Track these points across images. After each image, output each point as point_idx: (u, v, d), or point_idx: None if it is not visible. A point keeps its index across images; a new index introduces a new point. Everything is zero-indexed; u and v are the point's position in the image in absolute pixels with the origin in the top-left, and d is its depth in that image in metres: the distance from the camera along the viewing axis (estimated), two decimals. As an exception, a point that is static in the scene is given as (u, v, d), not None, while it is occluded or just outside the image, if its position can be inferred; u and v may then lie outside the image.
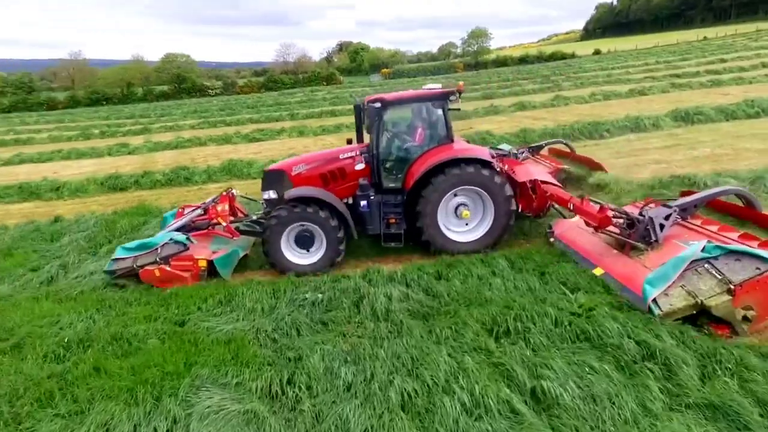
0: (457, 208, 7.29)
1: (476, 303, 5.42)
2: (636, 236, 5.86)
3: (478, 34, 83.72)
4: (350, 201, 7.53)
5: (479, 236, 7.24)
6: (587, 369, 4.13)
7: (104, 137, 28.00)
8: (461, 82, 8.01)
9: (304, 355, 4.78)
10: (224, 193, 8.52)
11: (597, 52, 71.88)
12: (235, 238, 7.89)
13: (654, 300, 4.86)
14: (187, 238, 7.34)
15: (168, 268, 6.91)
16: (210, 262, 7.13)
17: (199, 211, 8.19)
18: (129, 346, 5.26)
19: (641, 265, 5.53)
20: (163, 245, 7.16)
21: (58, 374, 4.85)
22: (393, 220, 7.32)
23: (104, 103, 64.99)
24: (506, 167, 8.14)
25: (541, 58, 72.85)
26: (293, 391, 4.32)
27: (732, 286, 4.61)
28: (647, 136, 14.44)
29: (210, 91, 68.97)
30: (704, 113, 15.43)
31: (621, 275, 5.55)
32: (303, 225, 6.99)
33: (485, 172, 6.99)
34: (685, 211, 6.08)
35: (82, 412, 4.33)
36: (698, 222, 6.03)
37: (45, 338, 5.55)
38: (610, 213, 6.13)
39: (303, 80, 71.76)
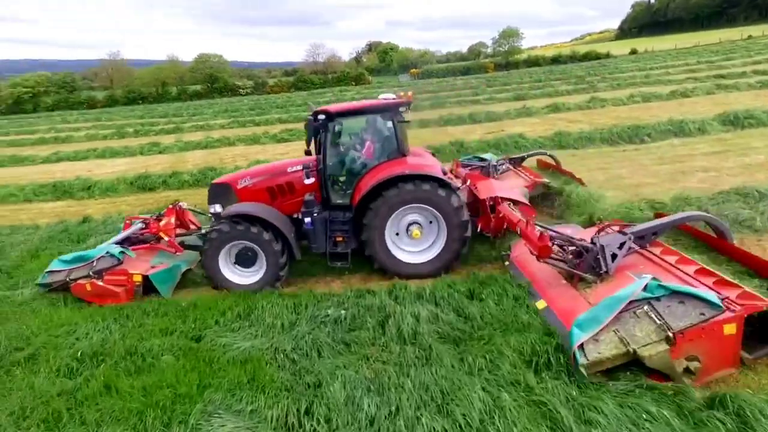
0: (409, 227, 6.78)
1: (513, 328, 4.91)
2: (584, 266, 5.18)
3: (509, 34, 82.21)
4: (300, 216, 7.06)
5: (428, 259, 6.73)
6: (644, 415, 3.60)
7: (138, 136, 28.46)
8: (410, 92, 7.53)
9: (324, 382, 4.39)
10: (171, 206, 8.19)
11: (633, 52, 69.40)
12: (178, 253, 7.55)
13: (581, 346, 4.13)
14: (121, 252, 7.06)
15: (100, 283, 6.60)
16: (146, 278, 6.75)
17: (140, 225, 7.97)
18: (143, 362, 4.99)
19: (585, 300, 4.83)
20: (98, 258, 6.90)
21: (69, 391, 4.60)
22: (340, 239, 6.87)
23: (140, 102, 66.62)
24: (469, 183, 7.79)
25: (574, 58, 70.89)
26: (311, 424, 3.93)
27: (671, 334, 3.91)
28: (693, 141, 13.50)
29: (241, 90, 69.84)
30: (756, 117, 14.36)
31: (561, 311, 4.85)
32: (244, 244, 6.63)
33: (441, 192, 6.47)
34: (642, 239, 5.31)
35: (90, 437, 4.06)
36: (658, 251, 5.26)
37: (60, 349, 5.35)
38: (556, 240, 5.51)
39: (332, 80, 71.87)
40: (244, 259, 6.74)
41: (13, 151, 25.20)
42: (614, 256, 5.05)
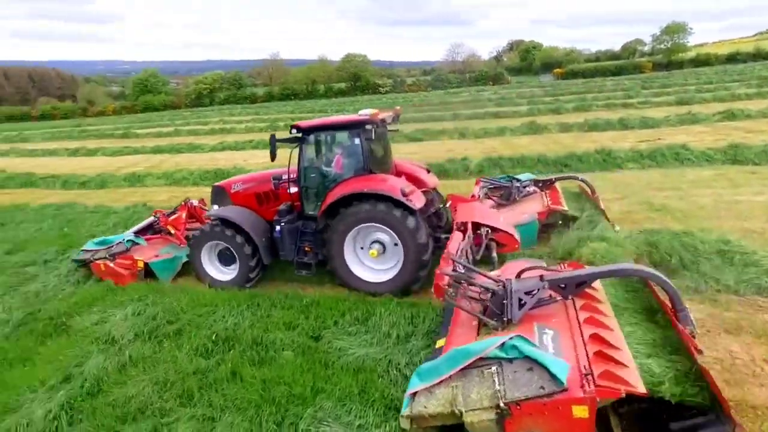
0: (372, 245, 6.63)
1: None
2: (489, 311, 4.39)
3: (674, 30, 72.53)
4: None
5: (387, 279, 6.54)
6: None
7: (287, 129, 30.90)
8: (398, 107, 7.70)
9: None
10: (183, 203, 9.12)
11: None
12: (182, 245, 8.22)
13: (414, 395, 3.66)
14: (129, 241, 8.06)
15: (111, 265, 7.62)
16: (147, 264, 7.63)
17: (154, 218, 9.04)
18: (265, 353, 5.20)
19: None
20: (116, 243, 8.00)
21: (202, 371, 4.97)
22: (308, 249, 7.02)
23: (292, 98, 72.69)
24: (449, 204, 7.61)
25: (758, 56, 60.23)
26: (416, 454, 3.67)
27: (503, 403, 3.30)
28: None
29: (381, 88, 72.30)
30: None
31: None
32: (223, 244, 7.17)
33: (396, 212, 6.22)
34: (564, 289, 4.31)
35: (213, 419, 4.30)
36: (581, 303, 4.34)
37: (200, 329, 5.83)
38: (471, 281, 4.70)
39: (469, 80, 70.79)
40: (225, 258, 7.35)
41: (191, 139, 29.09)
42: (521, 304, 4.26)
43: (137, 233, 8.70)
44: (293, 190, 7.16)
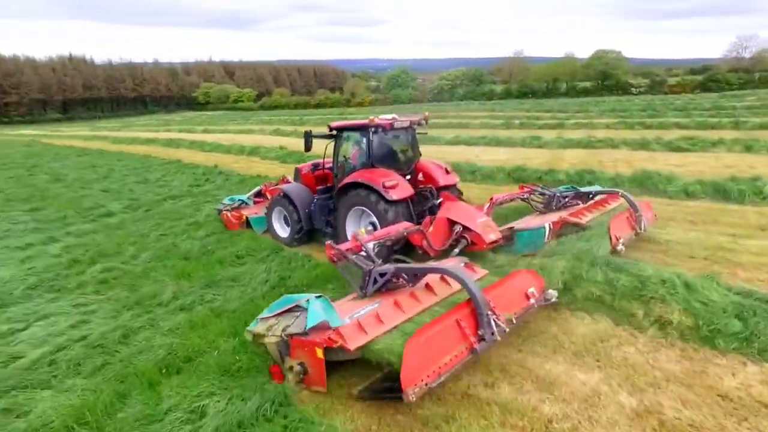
0: (368, 225, 7.77)
1: None
2: (360, 282, 5.54)
3: None
4: None
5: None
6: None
7: (522, 128, 29.69)
8: (427, 113, 9.18)
9: None
10: (282, 178, 11.42)
11: None
12: None
13: (260, 319, 4.98)
14: (240, 200, 11.00)
15: (228, 215, 10.38)
16: (247, 218, 10.13)
17: (260, 188, 11.55)
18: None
19: (341, 304, 5.34)
20: (236, 202, 10.92)
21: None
22: (332, 221, 8.55)
23: (530, 96, 70.02)
24: (439, 201, 7.99)
25: None
26: None
27: (285, 335, 4.64)
28: None
29: (633, 89, 63.54)
30: None
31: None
32: (283, 210, 9.13)
33: (381, 203, 7.32)
34: (416, 278, 5.46)
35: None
36: (418, 291, 5.37)
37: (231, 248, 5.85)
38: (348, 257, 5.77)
39: (759, 80, 56.25)
40: (286, 220, 9.23)
41: (430, 132, 30.54)
42: (375, 282, 5.37)
43: (252, 197, 11.23)
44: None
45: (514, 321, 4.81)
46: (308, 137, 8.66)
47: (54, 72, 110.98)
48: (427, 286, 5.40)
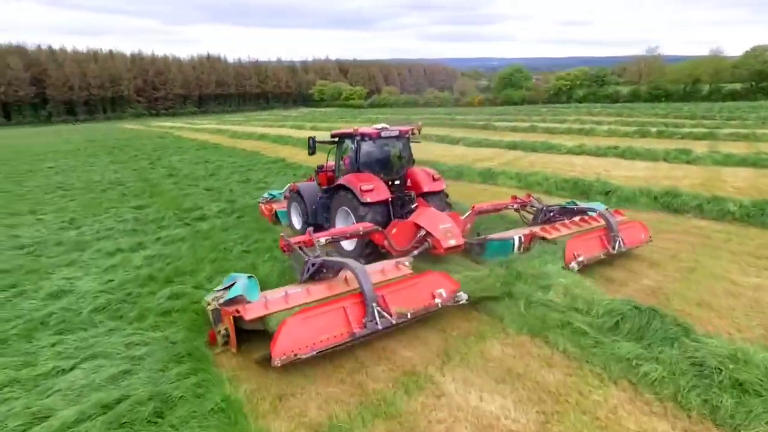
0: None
1: None
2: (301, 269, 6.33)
3: None
4: None
5: (351, 249, 8.23)
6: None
7: (660, 138, 25.22)
8: (420, 123, 9.98)
9: None
10: (311, 177, 11.21)
11: None
12: None
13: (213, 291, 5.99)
14: (272, 195, 12.08)
15: (263, 208, 11.47)
16: (276, 212, 11.05)
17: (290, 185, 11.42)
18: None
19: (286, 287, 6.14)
20: (270, 196, 12.02)
21: None
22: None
23: (663, 99, 61.58)
24: (414, 206, 8.42)
25: None
26: None
27: (218, 304, 5.48)
28: None
29: (800, 92, 52.67)
30: None
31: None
32: (297, 205, 10.05)
33: (353, 201, 8.07)
34: (334, 270, 6.09)
35: None
36: (336, 281, 6.05)
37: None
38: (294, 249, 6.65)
39: None
40: (299, 214, 10.05)
41: (546, 137, 27.39)
42: (308, 271, 6.11)
43: (285, 192, 11.78)
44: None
45: (409, 316, 5.32)
46: (312, 142, 9.48)
47: (194, 70, 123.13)
48: (346, 279, 5.98)
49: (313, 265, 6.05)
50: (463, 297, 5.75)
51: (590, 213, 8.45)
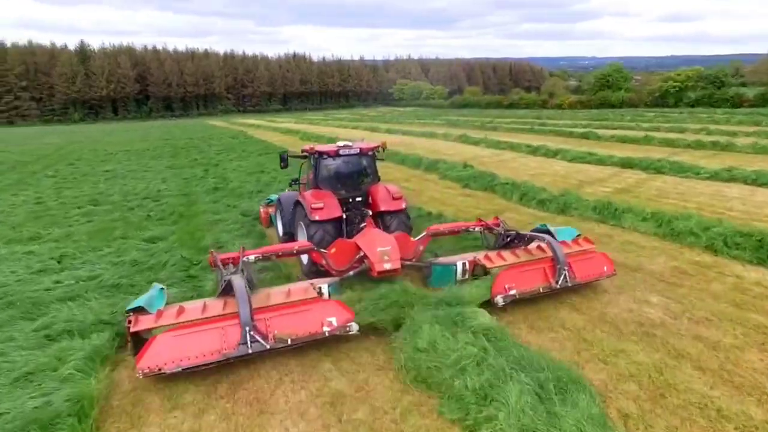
0: None
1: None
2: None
3: None
4: None
5: (306, 260, 8.21)
6: None
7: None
8: (384, 141, 9.49)
9: None
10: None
11: None
12: None
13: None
14: (270, 200, 11.79)
15: (261, 211, 11.55)
16: (270, 216, 11.02)
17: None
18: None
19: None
20: (269, 200, 11.93)
21: None
22: None
23: (805, 104, 50.79)
24: (363, 225, 8.09)
25: None
26: None
27: (126, 310, 5.75)
28: None
29: None
30: None
31: None
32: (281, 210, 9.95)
33: (305, 217, 7.93)
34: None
35: None
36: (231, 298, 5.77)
37: None
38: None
39: None
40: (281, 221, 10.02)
41: (667, 152, 21.75)
42: (223, 286, 6.02)
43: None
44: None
45: (289, 341, 5.23)
46: (283, 158, 9.65)
47: (280, 68, 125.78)
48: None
49: (226, 282, 5.98)
50: (354, 328, 5.60)
51: (541, 241, 7.55)
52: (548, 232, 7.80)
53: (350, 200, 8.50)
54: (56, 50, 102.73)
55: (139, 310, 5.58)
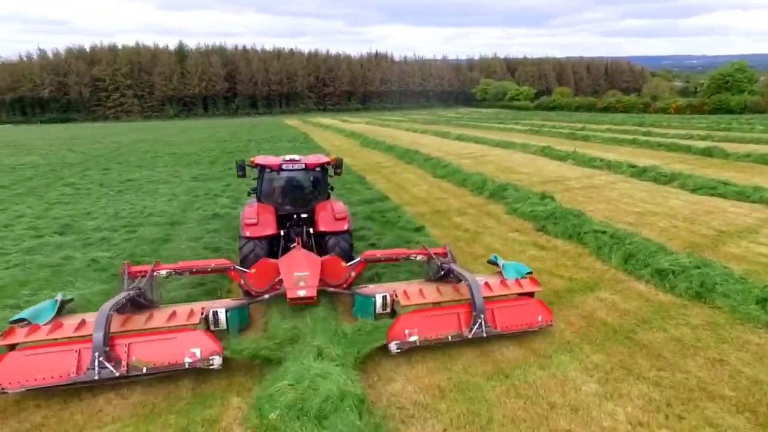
0: None
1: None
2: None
3: None
4: None
5: None
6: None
7: None
8: (334, 157, 9.04)
9: None
10: None
11: None
12: None
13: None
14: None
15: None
16: None
17: None
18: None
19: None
20: None
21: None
22: None
23: None
24: (293, 245, 7.58)
25: None
26: None
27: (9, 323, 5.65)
28: None
29: None
30: None
31: None
32: None
33: (244, 240, 7.53)
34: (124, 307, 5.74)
35: None
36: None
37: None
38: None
39: None
40: None
41: None
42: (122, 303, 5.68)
43: None
44: None
45: (144, 370, 4.97)
46: (241, 166, 8.86)
47: (361, 67, 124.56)
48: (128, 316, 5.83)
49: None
50: (217, 362, 5.20)
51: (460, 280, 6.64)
52: (497, 264, 7.26)
53: (294, 216, 8.24)
54: (158, 50, 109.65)
55: (21, 322, 5.40)
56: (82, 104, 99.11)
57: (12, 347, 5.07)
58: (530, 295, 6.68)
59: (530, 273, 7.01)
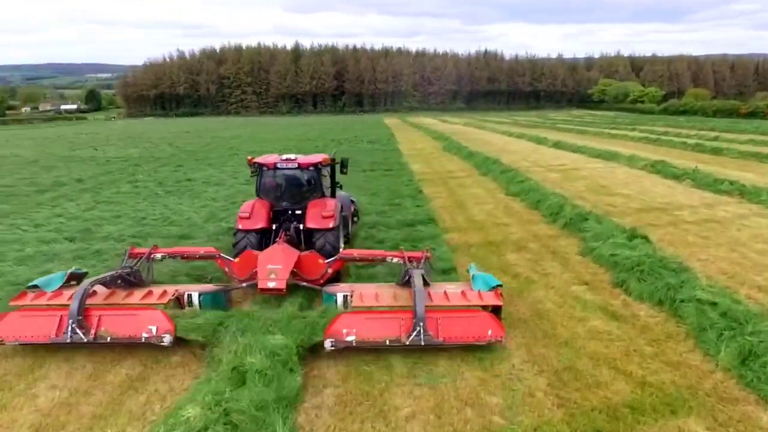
0: None
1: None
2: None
3: None
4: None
5: None
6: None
7: None
8: (329, 155, 9.39)
9: None
10: None
11: None
12: None
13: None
14: None
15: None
16: None
17: None
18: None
19: None
20: None
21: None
22: None
23: None
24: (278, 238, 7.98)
25: None
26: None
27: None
28: None
29: None
30: None
31: None
32: None
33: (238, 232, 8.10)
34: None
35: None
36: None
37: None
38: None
39: None
40: None
41: None
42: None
43: None
44: None
45: (109, 339, 5.60)
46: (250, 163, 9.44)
47: (468, 66, 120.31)
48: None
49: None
50: (167, 339, 5.59)
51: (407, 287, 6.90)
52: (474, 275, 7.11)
53: (289, 212, 8.60)
54: (276, 50, 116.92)
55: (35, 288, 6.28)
56: (210, 100, 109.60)
57: None
58: (497, 309, 6.33)
59: (500, 286, 6.69)
